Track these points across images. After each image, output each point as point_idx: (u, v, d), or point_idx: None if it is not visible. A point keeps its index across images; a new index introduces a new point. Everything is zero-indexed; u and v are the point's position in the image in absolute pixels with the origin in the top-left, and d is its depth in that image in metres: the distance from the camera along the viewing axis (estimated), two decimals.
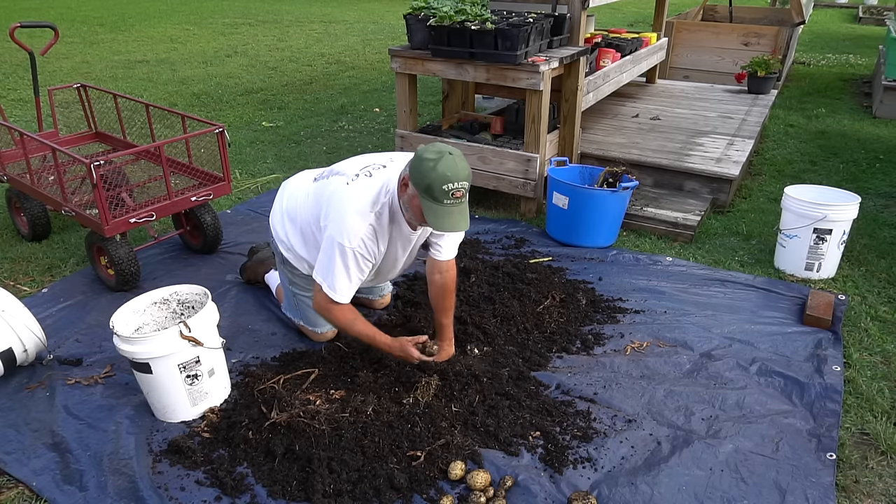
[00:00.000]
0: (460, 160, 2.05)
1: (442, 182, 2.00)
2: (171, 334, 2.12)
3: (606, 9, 13.36)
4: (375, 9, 14.45)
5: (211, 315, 2.28)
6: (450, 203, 2.04)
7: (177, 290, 2.43)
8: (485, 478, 1.96)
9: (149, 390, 2.24)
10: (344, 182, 2.26)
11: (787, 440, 2.17)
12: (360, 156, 2.46)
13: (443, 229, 2.08)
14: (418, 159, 2.06)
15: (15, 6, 13.42)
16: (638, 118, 5.12)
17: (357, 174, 2.28)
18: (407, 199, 2.15)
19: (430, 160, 2.02)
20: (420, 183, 2.04)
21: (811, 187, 3.29)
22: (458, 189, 2.03)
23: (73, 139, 3.82)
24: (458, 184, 2.02)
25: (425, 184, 2.02)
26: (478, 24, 3.61)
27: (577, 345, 2.68)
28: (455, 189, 2.02)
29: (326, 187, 2.33)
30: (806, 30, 10.86)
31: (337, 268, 2.21)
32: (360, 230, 2.17)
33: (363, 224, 2.18)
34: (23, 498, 1.99)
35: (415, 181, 2.06)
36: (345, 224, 2.17)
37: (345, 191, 2.23)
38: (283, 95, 6.97)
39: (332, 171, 2.41)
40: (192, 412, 2.28)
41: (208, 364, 2.25)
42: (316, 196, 2.39)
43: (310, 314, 2.63)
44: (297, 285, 2.62)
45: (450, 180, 2.01)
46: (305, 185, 2.52)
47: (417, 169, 2.05)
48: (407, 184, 2.11)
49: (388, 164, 2.32)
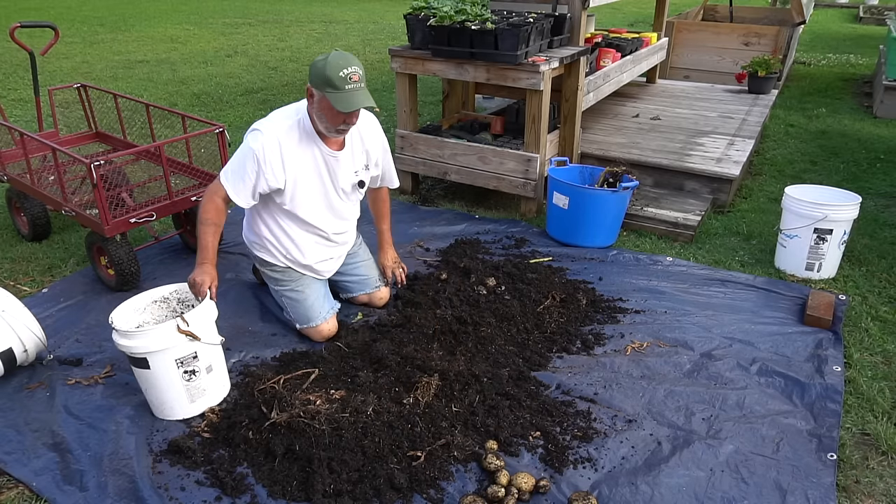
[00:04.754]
0: (346, 53, 2.30)
1: (337, 70, 2.24)
2: (168, 328, 2.13)
3: (606, 9, 13.35)
4: (375, 9, 14.45)
5: (208, 311, 2.28)
6: (350, 87, 2.27)
7: (177, 288, 2.44)
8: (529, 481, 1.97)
9: (147, 387, 2.24)
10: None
11: (787, 440, 2.17)
12: None
13: (349, 108, 2.28)
14: (312, 66, 2.31)
15: (15, 6, 13.42)
16: (638, 118, 5.12)
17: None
18: (316, 106, 2.37)
19: (321, 60, 2.28)
20: (320, 81, 2.27)
21: (812, 187, 3.29)
22: (354, 73, 2.27)
23: (74, 139, 3.82)
24: (352, 68, 2.26)
25: (324, 78, 2.25)
26: (478, 24, 3.61)
27: (577, 345, 2.68)
28: (351, 73, 2.26)
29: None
30: (806, 30, 10.85)
31: (235, 160, 2.44)
32: (265, 137, 2.38)
33: (270, 133, 2.39)
34: (23, 498, 1.99)
35: (315, 83, 2.30)
36: (256, 132, 2.41)
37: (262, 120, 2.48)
38: (284, 95, 6.97)
39: None
40: (191, 409, 2.28)
41: (206, 360, 2.25)
42: None
43: (299, 308, 2.69)
44: (279, 281, 2.73)
45: (342, 67, 2.24)
46: None
47: (313, 72, 2.29)
48: (312, 93, 2.34)
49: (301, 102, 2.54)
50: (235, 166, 2.44)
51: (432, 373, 2.38)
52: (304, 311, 2.67)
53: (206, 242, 2.44)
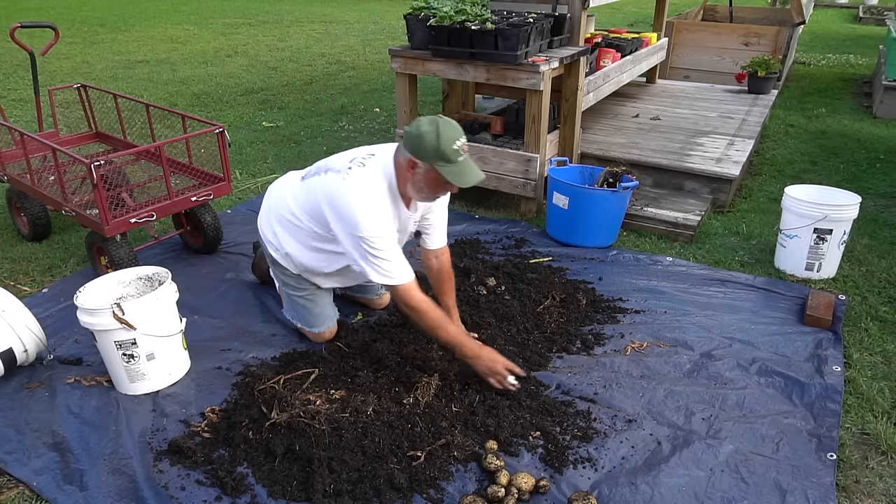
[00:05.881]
0: (450, 120, 2.17)
1: (450, 143, 2.11)
2: (105, 313, 2.24)
3: (606, 9, 13.35)
4: (375, 9, 14.45)
5: (152, 303, 2.32)
6: (462, 159, 2.16)
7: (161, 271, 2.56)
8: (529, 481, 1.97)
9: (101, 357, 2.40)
10: (340, 178, 2.25)
11: (787, 440, 2.17)
12: (339, 153, 2.47)
13: (469, 183, 2.18)
14: (416, 137, 2.13)
15: (15, 6, 13.42)
16: (638, 118, 5.12)
17: (349, 167, 2.28)
18: (420, 178, 2.20)
19: (430, 132, 2.11)
20: (431, 155, 2.13)
21: (811, 187, 3.29)
22: (464, 144, 2.17)
23: (74, 139, 3.82)
24: (462, 140, 2.16)
25: (437, 152, 2.11)
26: (478, 24, 3.61)
27: (577, 345, 2.68)
28: (462, 144, 2.15)
29: (321, 185, 2.32)
30: (806, 30, 10.85)
31: (376, 258, 2.21)
32: (374, 218, 2.20)
33: (378, 209, 2.22)
34: (23, 498, 1.99)
35: (424, 156, 2.14)
36: (361, 217, 2.18)
37: (344, 185, 2.23)
38: (284, 95, 6.97)
39: (320, 169, 2.41)
40: (131, 388, 2.39)
41: (147, 348, 2.33)
42: (308, 193, 2.39)
43: (305, 314, 2.65)
44: (289, 286, 2.64)
45: (454, 139, 2.13)
46: (292, 184, 2.53)
47: (421, 145, 2.13)
48: (415, 164, 2.17)
49: (375, 152, 2.35)
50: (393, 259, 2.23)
51: (432, 373, 2.38)
52: (311, 317, 2.64)
53: (459, 333, 2.35)
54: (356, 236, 2.20)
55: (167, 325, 2.40)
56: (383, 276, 2.23)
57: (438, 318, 2.30)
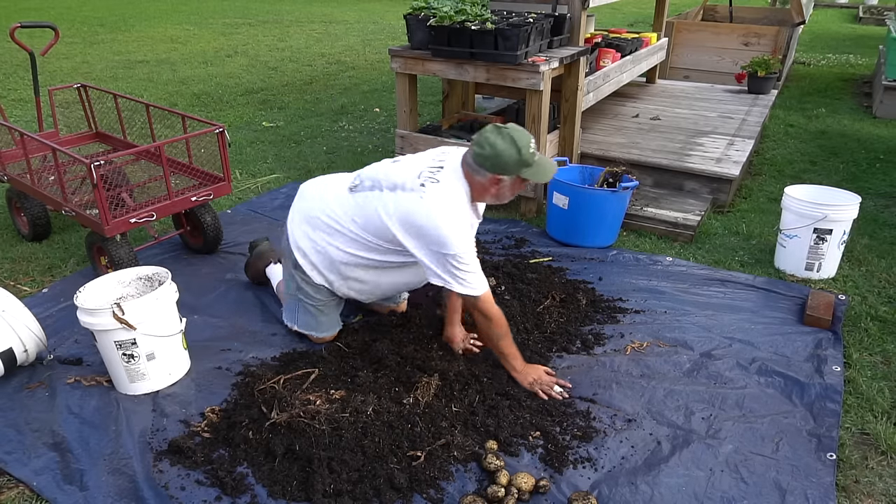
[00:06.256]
0: (517, 127, 2.22)
1: (528, 149, 2.19)
2: (105, 313, 2.25)
3: (606, 9, 13.36)
4: (375, 9, 14.45)
5: (152, 303, 2.32)
6: (537, 157, 2.24)
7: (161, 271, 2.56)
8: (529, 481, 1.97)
9: (101, 357, 2.40)
10: (416, 197, 2.21)
11: (787, 440, 2.17)
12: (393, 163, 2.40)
13: (550, 177, 2.29)
14: (494, 157, 2.16)
15: (15, 6, 13.42)
16: (638, 118, 5.12)
17: (422, 184, 2.23)
18: (505, 188, 2.26)
19: (507, 147, 2.16)
20: (514, 167, 2.19)
21: (811, 187, 3.29)
22: (533, 142, 2.23)
23: (74, 139, 3.82)
24: (532, 140, 2.22)
25: (520, 162, 2.18)
26: (478, 24, 3.61)
27: (577, 345, 2.68)
28: (533, 146, 2.22)
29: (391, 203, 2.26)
30: (806, 30, 10.86)
31: (462, 272, 2.23)
32: (461, 234, 2.22)
33: (462, 226, 2.24)
34: (23, 498, 1.99)
35: (508, 170, 2.20)
36: (450, 236, 2.18)
37: (425, 206, 2.20)
38: (284, 95, 6.97)
39: (378, 184, 2.33)
40: (131, 388, 2.39)
41: (147, 348, 2.33)
42: (364, 207, 2.33)
43: (311, 321, 2.63)
44: (305, 292, 2.58)
45: (527, 143, 2.19)
46: (337, 192, 2.44)
47: (502, 162, 2.17)
48: (499, 180, 2.22)
49: (441, 164, 2.30)
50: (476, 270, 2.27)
51: (432, 373, 2.38)
52: (317, 324, 2.62)
53: (515, 347, 2.42)
54: (443, 254, 2.20)
55: (167, 325, 2.40)
56: (467, 288, 2.26)
57: (506, 329, 2.38)
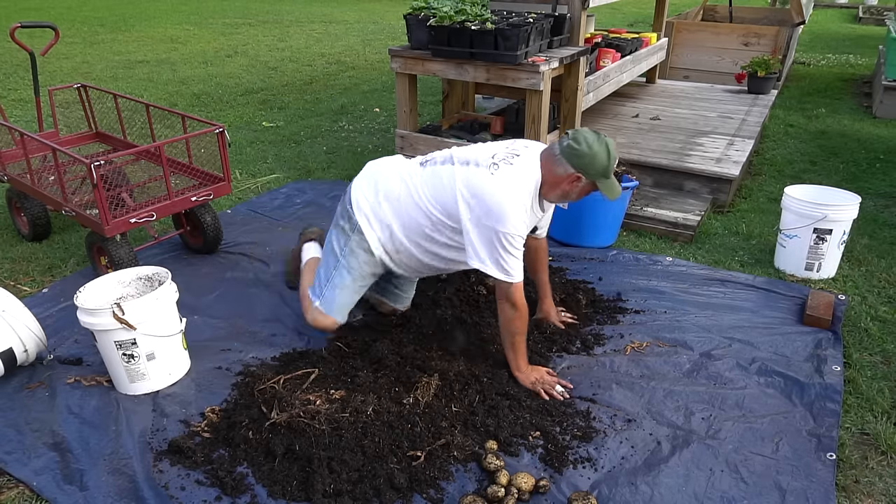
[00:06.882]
0: (612, 140, 2.27)
1: (614, 161, 2.25)
2: (105, 313, 2.25)
3: (606, 9, 13.36)
4: (375, 9, 14.45)
5: (152, 303, 2.32)
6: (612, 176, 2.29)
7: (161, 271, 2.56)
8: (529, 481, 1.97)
9: (101, 357, 2.40)
10: (488, 173, 2.26)
11: (787, 440, 2.17)
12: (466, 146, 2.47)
13: (618, 196, 2.32)
14: (589, 157, 2.20)
15: (15, 6, 13.42)
16: (638, 118, 5.12)
17: (495, 164, 2.28)
18: (577, 189, 2.31)
19: (602, 153, 2.21)
20: (598, 173, 2.24)
21: (811, 187, 3.29)
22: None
23: (74, 139, 3.82)
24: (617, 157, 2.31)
25: (604, 171, 2.24)
26: (478, 24, 3.61)
27: (577, 345, 2.68)
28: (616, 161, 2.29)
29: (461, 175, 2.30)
30: (806, 30, 10.86)
31: (507, 254, 2.25)
32: (519, 217, 2.24)
33: (523, 209, 2.26)
34: (23, 498, 1.99)
35: (591, 173, 2.24)
36: (509, 213, 2.21)
37: (494, 181, 2.24)
38: (284, 95, 6.98)
39: (449, 159, 2.40)
40: (131, 388, 2.39)
41: (147, 348, 2.33)
42: (435, 177, 2.37)
43: (335, 297, 2.51)
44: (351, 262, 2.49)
45: (616, 158, 2.27)
46: (409, 166, 2.49)
47: (591, 164, 2.22)
48: (578, 179, 2.26)
49: (518, 152, 2.34)
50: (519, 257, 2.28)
51: (432, 373, 2.38)
52: (339, 301, 2.51)
53: (524, 348, 2.44)
54: (496, 230, 2.21)
55: (167, 325, 2.40)
56: (503, 272, 2.27)
57: (526, 326, 2.41)
